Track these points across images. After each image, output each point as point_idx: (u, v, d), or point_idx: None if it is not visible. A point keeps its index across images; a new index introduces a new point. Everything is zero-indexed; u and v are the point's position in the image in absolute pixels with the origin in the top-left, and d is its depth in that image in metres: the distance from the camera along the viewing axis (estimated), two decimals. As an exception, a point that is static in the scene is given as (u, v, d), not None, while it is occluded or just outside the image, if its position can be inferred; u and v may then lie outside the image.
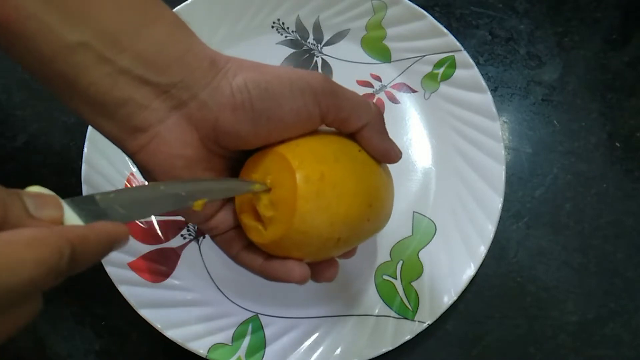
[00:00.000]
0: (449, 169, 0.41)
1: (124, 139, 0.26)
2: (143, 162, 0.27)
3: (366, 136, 0.29)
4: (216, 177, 0.29)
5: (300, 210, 0.26)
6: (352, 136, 0.30)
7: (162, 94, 0.26)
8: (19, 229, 0.18)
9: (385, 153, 0.30)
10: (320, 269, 0.30)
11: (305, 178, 0.26)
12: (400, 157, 0.31)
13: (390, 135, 0.42)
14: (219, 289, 0.39)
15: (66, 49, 0.24)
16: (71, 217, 0.21)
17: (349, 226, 0.28)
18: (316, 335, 0.37)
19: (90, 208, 0.22)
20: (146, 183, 0.28)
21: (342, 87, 0.28)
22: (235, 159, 0.29)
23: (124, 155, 0.29)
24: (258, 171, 0.28)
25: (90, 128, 0.40)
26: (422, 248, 0.40)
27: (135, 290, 0.37)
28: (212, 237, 0.31)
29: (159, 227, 0.40)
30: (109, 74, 0.25)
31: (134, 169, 0.40)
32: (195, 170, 0.27)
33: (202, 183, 0.27)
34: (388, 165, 0.32)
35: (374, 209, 0.29)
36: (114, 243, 0.21)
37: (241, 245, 0.30)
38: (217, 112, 0.26)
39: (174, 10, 0.42)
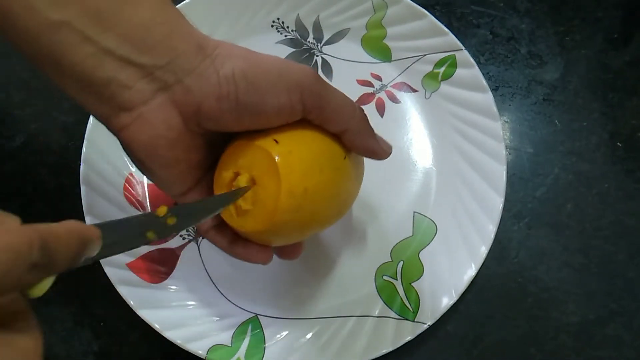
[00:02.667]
0: (449, 169, 0.41)
1: (109, 117, 0.26)
2: (126, 141, 0.27)
3: (350, 138, 0.30)
4: (204, 198, 0.29)
5: (275, 221, 0.27)
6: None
7: (147, 76, 0.25)
8: None
9: (372, 152, 0.31)
10: (286, 249, 0.32)
11: (290, 193, 0.27)
12: (389, 154, 0.32)
13: (391, 135, 0.42)
14: (218, 289, 0.38)
15: (49, 27, 0.24)
16: None
17: (317, 229, 0.31)
18: (316, 336, 0.37)
19: None
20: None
21: (330, 87, 0.28)
22: (217, 137, 0.29)
23: (123, 155, 0.29)
24: (243, 164, 0.28)
25: (89, 128, 0.40)
26: (423, 248, 0.39)
27: (134, 291, 0.37)
28: None
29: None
30: (92, 54, 0.25)
31: (133, 169, 0.40)
32: (177, 150, 0.27)
33: (191, 207, 0.27)
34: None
35: (342, 213, 0.32)
36: (86, 242, 0.21)
37: (211, 224, 0.31)
38: (201, 99, 0.26)
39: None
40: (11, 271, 0.17)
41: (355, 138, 0.30)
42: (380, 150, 0.31)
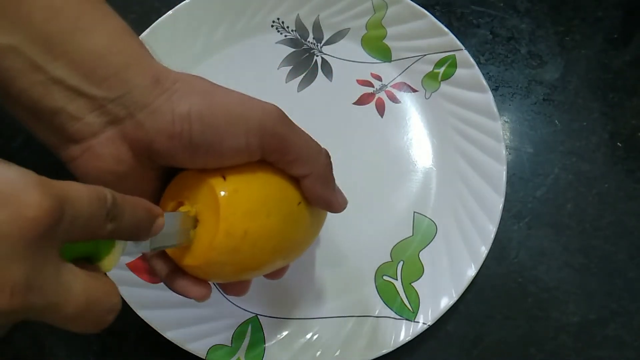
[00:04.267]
0: (449, 169, 0.41)
1: (57, 147, 0.26)
2: (75, 172, 0.26)
3: (308, 185, 0.28)
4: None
5: (210, 259, 0.26)
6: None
7: (98, 108, 0.24)
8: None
9: (327, 204, 0.29)
10: (230, 285, 0.30)
11: (227, 233, 0.25)
12: (344, 208, 0.30)
13: (391, 135, 0.42)
14: (218, 289, 0.38)
15: None
16: None
17: (256, 273, 0.29)
18: (316, 336, 0.37)
19: None
20: None
21: (296, 129, 0.27)
22: (168, 171, 0.28)
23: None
24: (188, 196, 0.27)
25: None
26: (423, 248, 0.39)
27: (134, 291, 0.37)
28: None
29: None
30: (41, 82, 0.24)
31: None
32: (127, 183, 0.26)
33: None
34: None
35: (287, 259, 0.30)
36: (151, 216, 0.23)
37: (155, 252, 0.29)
38: (152, 136, 0.25)
39: (174, 8, 0.42)
40: (96, 214, 0.19)
41: (313, 186, 0.28)
42: (336, 203, 0.29)
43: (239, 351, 0.36)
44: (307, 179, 0.28)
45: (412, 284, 0.38)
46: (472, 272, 0.38)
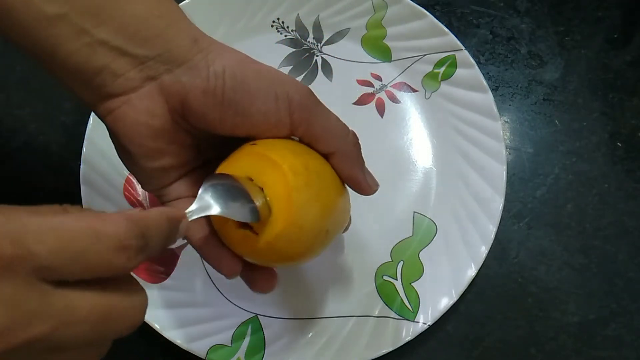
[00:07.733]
0: (449, 169, 0.41)
1: (96, 103, 0.27)
2: (110, 125, 0.27)
3: (336, 163, 0.29)
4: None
5: (295, 202, 0.26)
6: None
7: (139, 65, 0.26)
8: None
9: (356, 183, 0.29)
10: (259, 278, 0.30)
11: (293, 170, 0.26)
12: (374, 190, 0.30)
13: (391, 135, 0.42)
14: (218, 289, 0.38)
15: (45, 21, 0.24)
16: None
17: (334, 217, 0.28)
18: (316, 336, 0.37)
19: None
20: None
21: (324, 107, 0.28)
22: (202, 138, 0.29)
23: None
24: (253, 173, 0.27)
25: (89, 128, 0.40)
26: (423, 248, 0.39)
27: (134, 291, 0.37)
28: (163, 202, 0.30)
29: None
30: (87, 44, 0.25)
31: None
32: (160, 141, 0.27)
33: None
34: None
35: (346, 201, 0.30)
36: (175, 222, 0.23)
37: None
38: (187, 90, 0.26)
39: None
40: (89, 251, 0.19)
41: (342, 163, 0.28)
42: (365, 183, 0.30)
43: (239, 351, 0.36)
44: (335, 156, 0.28)
45: (412, 284, 0.38)
46: (472, 272, 0.38)
